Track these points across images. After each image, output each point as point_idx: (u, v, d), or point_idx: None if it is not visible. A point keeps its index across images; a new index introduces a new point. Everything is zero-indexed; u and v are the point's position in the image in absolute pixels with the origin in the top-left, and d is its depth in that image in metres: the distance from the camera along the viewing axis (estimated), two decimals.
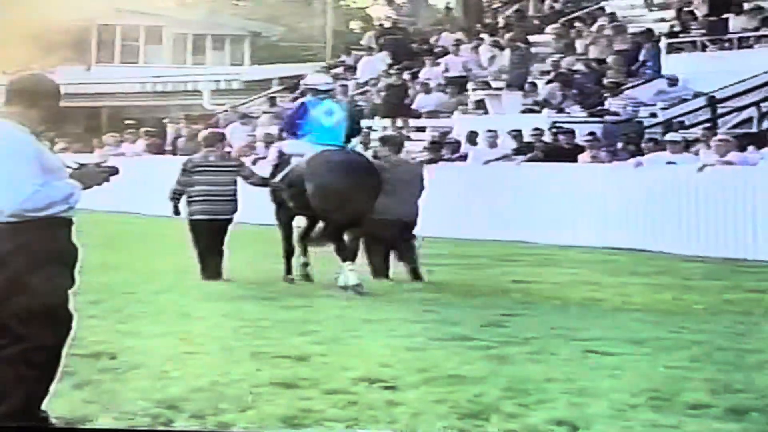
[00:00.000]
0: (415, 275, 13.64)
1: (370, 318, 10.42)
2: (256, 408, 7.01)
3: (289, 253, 13.65)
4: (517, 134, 20.83)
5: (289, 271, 13.59)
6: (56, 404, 6.80)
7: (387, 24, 33.21)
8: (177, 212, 13.65)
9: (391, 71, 27.46)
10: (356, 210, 12.72)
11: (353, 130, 13.75)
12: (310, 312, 10.82)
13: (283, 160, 13.54)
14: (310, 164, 12.84)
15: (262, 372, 7.88)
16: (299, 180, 12.92)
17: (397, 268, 13.67)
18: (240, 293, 12.20)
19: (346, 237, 12.85)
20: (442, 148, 21.61)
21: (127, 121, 33.42)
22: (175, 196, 13.59)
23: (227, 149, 15.23)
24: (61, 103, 6.25)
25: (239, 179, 13.70)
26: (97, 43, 37.96)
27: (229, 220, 13.59)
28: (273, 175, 13.66)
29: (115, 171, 6.34)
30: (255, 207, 14.13)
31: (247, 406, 7.06)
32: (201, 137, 14.29)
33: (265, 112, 28.44)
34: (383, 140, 14.90)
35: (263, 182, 13.80)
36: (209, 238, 13.40)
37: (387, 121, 25.22)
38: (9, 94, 6.10)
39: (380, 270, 13.63)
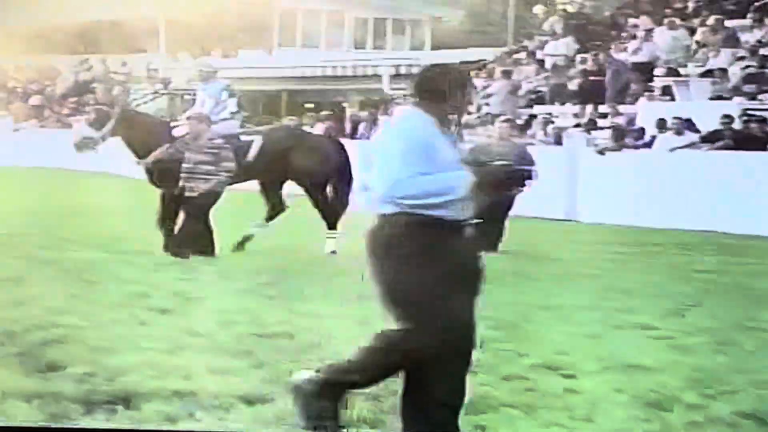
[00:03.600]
0: None
1: (546, 305, 10.30)
2: None
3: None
4: (690, 124, 20.31)
5: None
6: (234, 382, 6.87)
7: (571, 9, 32.73)
8: None
9: (585, 56, 26.88)
10: None
11: None
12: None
13: None
14: None
15: None
16: None
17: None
18: None
19: None
20: (626, 135, 21.25)
21: (306, 105, 33.79)
22: None
23: None
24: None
25: None
26: (279, 27, 38.38)
27: None
28: None
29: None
30: None
31: None
32: None
33: None
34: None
35: None
36: None
37: (576, 108, 24.77)
38: (418, 86, 5.80)
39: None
